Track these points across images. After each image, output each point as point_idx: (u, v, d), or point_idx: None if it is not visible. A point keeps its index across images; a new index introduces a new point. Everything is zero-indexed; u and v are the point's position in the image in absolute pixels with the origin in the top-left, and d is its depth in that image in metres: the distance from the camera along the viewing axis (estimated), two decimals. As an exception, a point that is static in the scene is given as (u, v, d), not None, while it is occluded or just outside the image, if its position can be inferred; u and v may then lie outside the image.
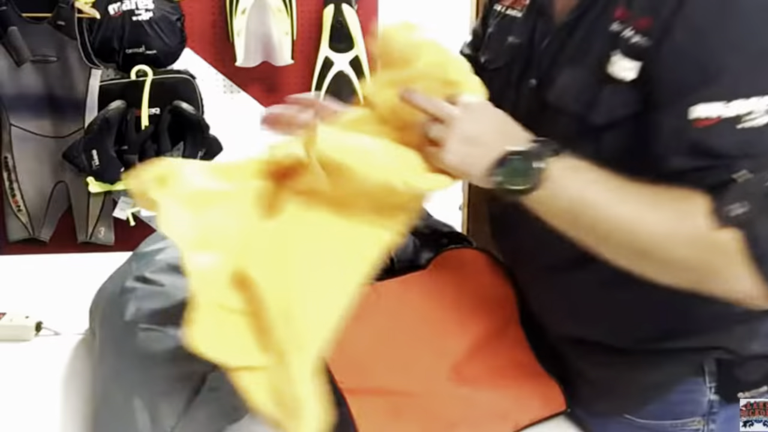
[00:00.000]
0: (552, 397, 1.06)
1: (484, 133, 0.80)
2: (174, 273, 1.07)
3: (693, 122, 0.75)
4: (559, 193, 0.78)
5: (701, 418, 0.94)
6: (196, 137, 2.37)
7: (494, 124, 0.81)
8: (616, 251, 0.79)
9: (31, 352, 1.23)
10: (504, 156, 0.78)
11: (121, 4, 2.24)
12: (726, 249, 0.74)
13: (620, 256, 0.79)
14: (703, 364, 0.92)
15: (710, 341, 0.90)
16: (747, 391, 0.93)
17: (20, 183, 2.38)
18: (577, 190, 0.77)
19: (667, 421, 0.95)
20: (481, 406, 1.00)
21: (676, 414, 0.94)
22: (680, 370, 0.93)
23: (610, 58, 0.81)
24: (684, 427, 0.94)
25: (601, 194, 0.77)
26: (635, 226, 0.76)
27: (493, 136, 0.80)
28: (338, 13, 2.38)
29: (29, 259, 1.70)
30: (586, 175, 0.78)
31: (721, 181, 0.75)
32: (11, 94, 2.30)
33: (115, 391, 0.96)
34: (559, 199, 0.78)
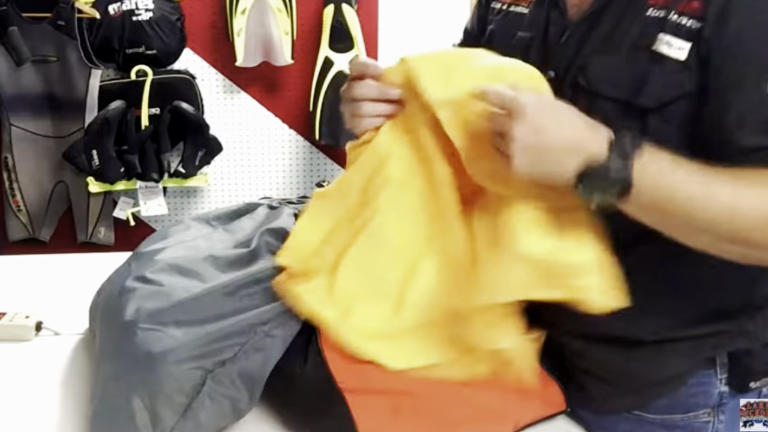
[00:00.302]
0: (552, 397, 1.06)
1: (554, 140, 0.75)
2: (174, 273, 1.07)
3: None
4: (649, 196, 0.75)
5: (711, 409, 0.95)
6: (196, 137, 2.38)
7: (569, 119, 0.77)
8: (713, 242, 0.78)
9: (31, 352, 1.23)
10: (581, 172, 0.75)
11: (121, 4, 2.24)
12: None
13: (717, 245, 0.78)
14: (715, 356, 0.93)
15: (732, 326, 0.91)
16: (758, 380, 0.94)
17: (20, 183, 2.39)
18: (667, 189, 0.75)
19: (677, 415, 0.95)
20: (481, 406, 1.00)
21: (687, 407, 0.95)
22: (694, 362, 0.93)
23: (657, 38, 0.81)
24: (695, 419, 0.95)
25: (693, 187, 0.75)
26: (734, 214, 0.75)
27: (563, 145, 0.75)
28: (338, 13, 2.38)
29: (29, 259, 1.70)
30: (673, 170, 0.75)
31: None
32: (11, 94, 2.31)
33: (115, 391, 0.96)
34: (650, 202, 0.76)
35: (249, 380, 0.97)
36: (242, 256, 1.10)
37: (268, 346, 0.98)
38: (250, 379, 0.97)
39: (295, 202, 1.32)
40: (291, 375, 0.99)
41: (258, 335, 0.97)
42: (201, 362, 0.94)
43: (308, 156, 2.59)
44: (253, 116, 2.52)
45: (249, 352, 0.97)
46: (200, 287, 1.02)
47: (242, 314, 0.98)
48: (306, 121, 2.51)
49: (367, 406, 0.96)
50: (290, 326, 0.99)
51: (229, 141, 2.50)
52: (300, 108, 2.52)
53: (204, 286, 1.03)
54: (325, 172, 2.61)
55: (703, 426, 0.95)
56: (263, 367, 0.97)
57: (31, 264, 1.64)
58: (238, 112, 2.51)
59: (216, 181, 2.56)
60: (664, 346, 0.93)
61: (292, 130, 2.55)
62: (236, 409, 0.97)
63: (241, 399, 0.96)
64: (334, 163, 2.60)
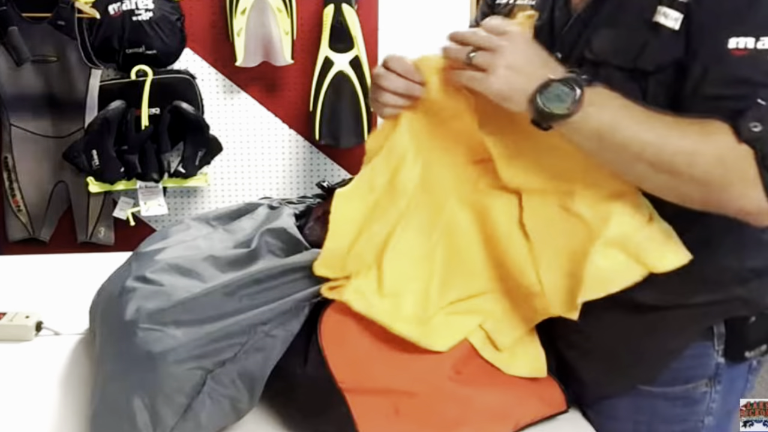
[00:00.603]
0: (552, 397, 1.06)
1: (528, 62, 0.89)
2: (174, 273, 1.07)
3: (729, 52, 0.86)
4: (595, 117, 0.87)
5: (708, 380, 1.01)
6: (196, 137, 2.37)
7: (536, 55, 0.90)
8: (643, 171, 0.88)
9: (31, 352, 1.23)
10: (546, 82, 0.87)
11: (121, 4, 2.24)
12: (742, 164, 0.85)
13: (647, 176, 0.89)
14: (713, 327, 0.99)
15: (731, 294, 0.97)
16: (752, 350, 1.01)
17: (20, 183, 2.39)
18: (610, 114, 0.87)
19: (678, 387, 1.01)
20: (481, 406, 1.00)
21: (687, 378, 1.01)
22: (694, 332, 0.99)
23: (657, 10, 0.90)
24: (693, 390, 1.01)
25: (632, 118, 0.87)
26: (663, 145, 0.86)
27: (536, 66, 0.89)
28: (338, 13, 2.38)
29: (29, 259, 1.70)
30: (618, 101, 0.88)
31: (746, 107, 0.85)
32: (11, 94, 2.30)
33: (115, 391, 0.96)
34: (594, 123, 0.87)
35: (249, 380, 0.97)
36: (242, 257, 1.10)
37: (268, 346, 0.98)
38: (250, 379, 0.97)
39: (295, 202, 1.32)
40: (291, 375, 1.00)
41: (258, 335, 0.97)
42: (201, 362, 0.94)
43: (308, 156, 2.59)
44: (253, 116, 2.52)
45: (249, 352, 0.97)
46: (200, 287, 1.02)
47: (242, 314, 0.98)
48: (306, 121, 2.51)
49: (367, 406, 0.96)
50: (290, 326, 0.99)
51: (229, 141, 2.50)
52: (300, 108, 2.52)
53: (204, 286, 1.03)
54: (325, 172, 2.61)
55: (701, 396, 1.02)
56: (263, 367, 0.97)
57: (31, 264, 1.64)
58: (238, 112, 2.51)
59: (216, 181, 2.56)
60: (666, 315, 0.98)
61: (292, 130, 2.55)
62: (236, 409, 0.97)
63: (241, 399, 0.96)
64: (334, 163, 2.60)
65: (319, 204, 1.32)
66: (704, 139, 0.86)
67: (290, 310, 1.00)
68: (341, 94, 2.42)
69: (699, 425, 1.03)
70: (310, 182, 2.59)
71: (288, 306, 1.00)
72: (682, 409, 1.03)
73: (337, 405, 0.96)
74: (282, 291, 1.01)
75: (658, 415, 1.03)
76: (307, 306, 1.01)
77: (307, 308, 1.01)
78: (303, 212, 1.28)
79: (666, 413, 1.03)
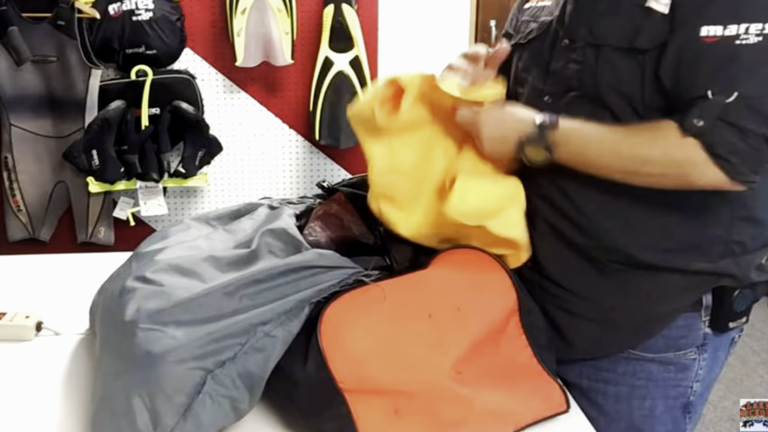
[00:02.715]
0: (552, 397, 1.06)
1: (501, 129, 1.10)
2: (174, 273, 1.07)
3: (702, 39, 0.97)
4: (565, 153, 1.06)
5: (696, 348, 1.14)
6: (196, 137, 2.37)
7: (506, 121, 1.11)
8: (618, 175, 1.05)
9: (31, 352, 1.23)
10: (520, 143, 1.08)
11: (121, 4, 2.24)
12: (690, 155, 0.98)
13: (624, 179, 1.04)
14: (702, 299, 1.11)
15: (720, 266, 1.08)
16: (735, 320, 1.13)
17: (20, 183, 2.39)
18: (578, 143, 1.06)
19: (670, 353, 1.13)
20: (481, 406, 1.00)
21: (678, 346, 1.13)
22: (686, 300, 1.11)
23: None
24: (683, 357, 1.14)
25: (592, 144, 1.05)
26: (621, 159, 1.03)
27: (508, 129, 1.10)
28: (338, 13, 2.38)
29: (29, 259, 1.70)
30: (581, 130, 1.06)
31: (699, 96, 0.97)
32: (11, 94, 2.30)
33: (115, 391, 0.96)
34: (566, 156, 1.07)
35: (249, 380, 0.97)
36: (242, 257, 1.10)
37: (268, 346, 0.98)
38: (250, 379, 0.97)
39: (296, 202, 1.32)
40: (291, 375, 1.00)
41: (258, 335, 0.97)
42: (201, 362, 0.94)
43: (308, 156, 2.59)
44: (253, 116, 2.52)
45: (249, 352, 0.97)
46: (200, 287, 1.02)
47: (242, 314, 0.98)
48: (306, 121, 2.51)
49: (367, 406, 0.96)
50: (290, 326, 0.99)
51: (229, 141, 2.50)
52: (300, 108, 2.52)
53: (204, 287, 1.03)
54: (325, 172, 2.61)
55: (691, 362, 1.14)
56: (263, 367, 0.97)
57: (31, 264, 1.64)
58: (238, 112, 2.51)
59: (216, 181, 2.56)
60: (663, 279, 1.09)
61: (292, 130, 2.55)
62: (236, 409, 0.97)
63: (241, 399, 0.96)
64: (334, 163, 2.60)
65: (320, 204, 1.32)
66: (652, 144, 1.01)
67: (290, 311, 1.00)
68: (341, 94, 2.42)
69: (689, 390, 1.15)
70: (310, 182, 2.59)
71: (288, 306, 1.00)
72: (675, 374, 1.14)
73: (337, 405, 0.96)
74: (282, 291, 1.01)
75: (652, 379, 1.14)
76: (307, 306, 1.01)
77: (307, 308, 1.01)
78: (303, 212, 1.28)
79: (660, 377, 1.14)
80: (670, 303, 1.11)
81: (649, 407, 1.16)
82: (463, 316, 1.03)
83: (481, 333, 1.03)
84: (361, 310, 1.00)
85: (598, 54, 1.07)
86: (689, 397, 1.16)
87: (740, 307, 1.12)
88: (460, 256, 1.10)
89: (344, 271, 1.05)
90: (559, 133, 1.06)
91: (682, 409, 1.17)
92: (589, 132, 1.05)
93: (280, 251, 1.10)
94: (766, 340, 3.16)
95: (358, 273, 1.06)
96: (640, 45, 1.03)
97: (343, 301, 1.00)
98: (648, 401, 1.16)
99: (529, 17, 1.25)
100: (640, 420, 1.16)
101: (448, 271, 1.07)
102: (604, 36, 1.07)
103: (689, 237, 1.08)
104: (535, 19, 1.23)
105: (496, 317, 1.05)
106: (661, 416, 1.16)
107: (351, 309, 1.00)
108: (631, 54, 1.03)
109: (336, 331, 0.98)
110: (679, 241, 1.08)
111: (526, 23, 1.25)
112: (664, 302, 1.11)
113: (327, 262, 1.05)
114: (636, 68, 1.03)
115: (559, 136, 1.06)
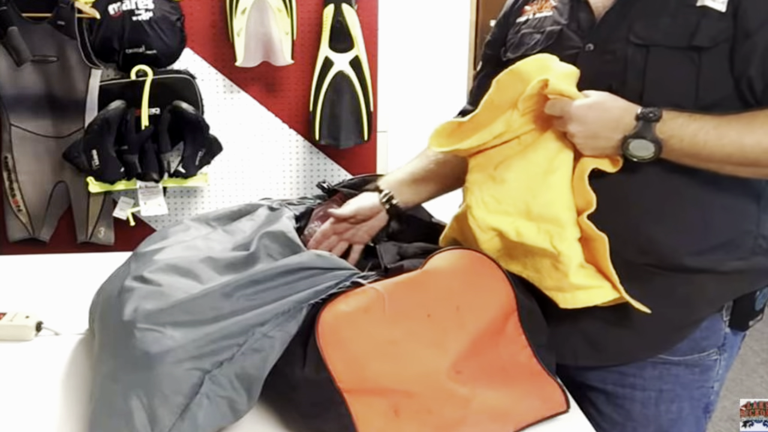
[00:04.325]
0: (552, 397, 1.06)
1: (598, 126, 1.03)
2: (172, 273, 1.07)
3: None
4: (677, 146, 1.01)
5: (717, 348, 1.15)
6: (196, 137, 2.37)
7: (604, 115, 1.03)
8: (734, 169, 1.02)
9: (31, 352, 1.23)
10: (621, 143, 1.02)
11: (121, 4, 2.23)
12: None
13: (739, 172, 1.03)
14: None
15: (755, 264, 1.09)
16: (754, 318, 1.14)
17: (20, 183, 2.38)
18: (689, 140, 1.00)
19: (695, 355, 1.14)
20: (481, 406, 1.00)
21: (702, 348, 1.14)
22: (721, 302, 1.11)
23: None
24: (707, 358, 1.14)
25: (709, 134, 0.99)
26: (742, 147, 0.99)
27: (607, 127, 1.03)
28: (338, 13, 2.38)
29: (29, 259, 1.70)
30: (691, 125, 1.00)
31: None
32: (11, 94, 2.30)
33: (114, 390, 0.96)
34: (678, 151, 1.01)
35: (247, 381, 0.97)
36: (240, 259, 1.10)
37: (266, 347, 0.97)
38: (248, 380, 0.97)
39: (295, 203, 1.32)
40: (290, 376, 0.99)
41: (256, 336, 0.97)
42: (199, 363, 0.94)
43: (308, 156, 2.59)
44: (253, 116, 2.52)
45: (247, 353, 0.97)
46: (198, 288, 1.02)
47: (240, 315, 0.98)
48: (306, 121, 2.51)
49: (367, 406, 0.96)
50: (288, 327, 0.99)
51: (229, 141, 2.50)
52: (300, 108, 2.52)
53: (202, 287, 1.03)
54: (325, 172, 2.61)
55: (713, 363, 1.15)
56: (261, 368, 0.97)
57: (31, 264, 1.65)
58: (238, 112, 2.51)
59: (216, 181, 2.56)
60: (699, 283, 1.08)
61: (292, 130, 2.55)
62: (234, 410, 0.97)
63: (239, 400, 0.96)
64: (334, 163, 2.60)
65: (320, 204, 1.32)
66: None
67: (288, 311, 1.00)
68: (341, 94, 2.42)
69: (710, 390, 1.17)
70: (310, 182, 2.59)
71: (286, 307, 1.00)
72: (700, 375, 1.15)
73: (337, 405, 0.96)
74: (280, 292, 1.01)
75: (679, 383, 1.15)
76: (304, 307, 1.01)
77: (305, 309, 1.01)
78: (303, 213, 1.28)
79: (686, 380, 1.14)
80: (706, 308, 1.11)
81: (677, 410, 1.16)
82: (461, 316, 1.03)
83: (480, 332, 1.03)
84: (359, 310, 1.00)
85: (647, 55, 1.05)
86: (710, 397, 1.17)
87: (760, 305, 1.14)
88: (457, 257, 1.10)
89: (342, 273, 1.05)
90: (667, 124, 1.00)
91: (703, 410, 1.18)
92: (698, 121, 1.00)
93: (278, 254, 1.10)
94: (766, 340, 3.16)
95: (356, 274, 1.06)
96: (699, 43, 1.02)
97: (341, 302, 1.00)
98: (676, 404, 1.16)
99: (531, 29, 1.23)
100: (668, 424, 1.16)
101: (445, 271, 1.07)
102: (650, 36, 1.05)
103: (725, 233, 1.08)
104: (539, 30, 1.21)
105: (495, 317, 1.05)
106: (686, 418, 1.17)
107: (349, 310, 1.00)
108: (686, 52, 1.03)
109: (334, 332, 0.98)
110: (716, 239, 1.08)
111: (529, 35, 1.23)
112: (700, 307, 1.11)
113: (324, 264, 1.05)
114: (690, 67, 1.03)
115: (668, 127, 1.00)
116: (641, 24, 1.06)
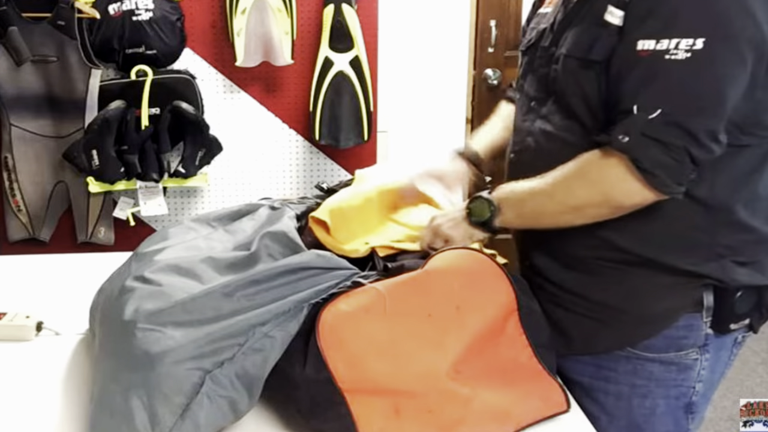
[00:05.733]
0: (552, 397, 1.06)
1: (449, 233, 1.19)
2: (173, 273, 1.07)
3: (638, 52, 1.00)
4: (509, 219, 1.16)
5: (698, 349, 1.14)
6: (196, 137, 2.37)
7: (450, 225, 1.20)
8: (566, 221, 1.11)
9: (31, 352, 1.23)
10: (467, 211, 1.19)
11: (121, 4, 2.23)
12: (617, 169, 1.02)
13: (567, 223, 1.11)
14: (702, 298, 1.12)
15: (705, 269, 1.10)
16: (737, 323, 1.14)
17: (20, 183, 2.38)
18: (516, 209, 1.15)
19: (671, 353, 1.14)
20: (481, 406, 1.00)
21: (679, 346, 1.14)
22: (678, 300, 1.12)
23: (607, 9, 1.04)
24: (685, 357, 1.15)
25: (528, 199, 1.12)
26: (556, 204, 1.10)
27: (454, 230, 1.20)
28: (338, 13, 2.37)
29: (29, 259, 1.70)
30: (516, 195, 1.14)
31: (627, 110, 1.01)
32: (11, 94, 2.30)
33: (114, 390, 0.96)
34: (512, 219, 1.16)
35: (248, 381, 0.97)
36: (241, 259, 1.10)
37: (266, 346, 0.98)
38: (249, 379, 0.97)
39: (296, 203, 1.32)
40: (291, 376, 1.00)
41: (257, 336, 0.97)
42: (200, 363, 0.95)
43: (308, 156, 2.59)
44: (253, 116, 2.52)
45: (248, 352, 0.97)
46: (199, 288, 1.02)
47: (241, 315, 0.98)
48: (306, 121, 2.51)
49: (367, 406, 0.96)
50: (289, 327, 0.99)
51: (229, 141, 2.50)
52: (300, 108, 2.51)
53: (203, 287, 1.03)
54: (325, 172, 2.61)
55: (692, 363, 1.15)
56: (262, 367, 0.97)
57: (31, 264, 1.65)
58: (238, 112, 2.51)
59: (216, 181, 2.56)
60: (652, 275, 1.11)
61: (292, 130, 2.55)
62: (235, 410, 0.97)
63: (239, 400, 0.96)
64: (334, 163, 2.60)
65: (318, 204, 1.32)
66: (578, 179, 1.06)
67: (289, 311, 1.00)
68: (341, 94, 2.42)
69: (691, 390, 1.16)
70: (310, 182, 2.58)
71: (286, 307, 1.00)
72: (677, 374, 1.15)
73: (337, 405, 0.96)
74: (280, 292, 1.01)
75: (653, 379, 1.15)
76: (305, 307, 1.01)
77: (306, 309, 1.01)
78: (303, 213, 1.28)
79: (661, 377, 1.15)
80: (659, 301, 1.13)
81: (650, 406, 1.17)
82: (462, 316, 1.03)
83: (481, 332, 1.03)
84: (359, 310, 1.00)
85: (565, 63, 1.11)
86: (691, 397, 1.17)
87: (742, 309, 1.13)
88: (458, 257, 1.10)
89: (342, 272, 1.05)
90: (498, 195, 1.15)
91: (684, 410, 1.18)
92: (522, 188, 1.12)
93: (280, 255, 1.10)
94: (766, 340, 3.16)
95: (356, 274, 1.06)
96: (593, 56, 1.06)
97: (342, 301, 1.00)
98: (649, 400, 1.17)
99: (533, 24, 1.28)
100: (641, 419, 1.18)
101: (446, 271, 1.07)
102: (568, 46, 1.11)
103: (675, 238, 1.10)
104: (537, 27, 1.26)
105: (495, 316, 1.05)
106: (662, 416, 1.17)
107: (350, 310, 1.00)
108: (588, 65, 1.07)
109: (335, 331, 0.98)
110: (667, 240, 1.10)
111: (530, 30, 1.28)
112: (652, 300, 1.13)
113: (325, 264, 1.05)
114: (594, 79, 1.06)
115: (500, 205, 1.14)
116: (566, 33, 1.12)
